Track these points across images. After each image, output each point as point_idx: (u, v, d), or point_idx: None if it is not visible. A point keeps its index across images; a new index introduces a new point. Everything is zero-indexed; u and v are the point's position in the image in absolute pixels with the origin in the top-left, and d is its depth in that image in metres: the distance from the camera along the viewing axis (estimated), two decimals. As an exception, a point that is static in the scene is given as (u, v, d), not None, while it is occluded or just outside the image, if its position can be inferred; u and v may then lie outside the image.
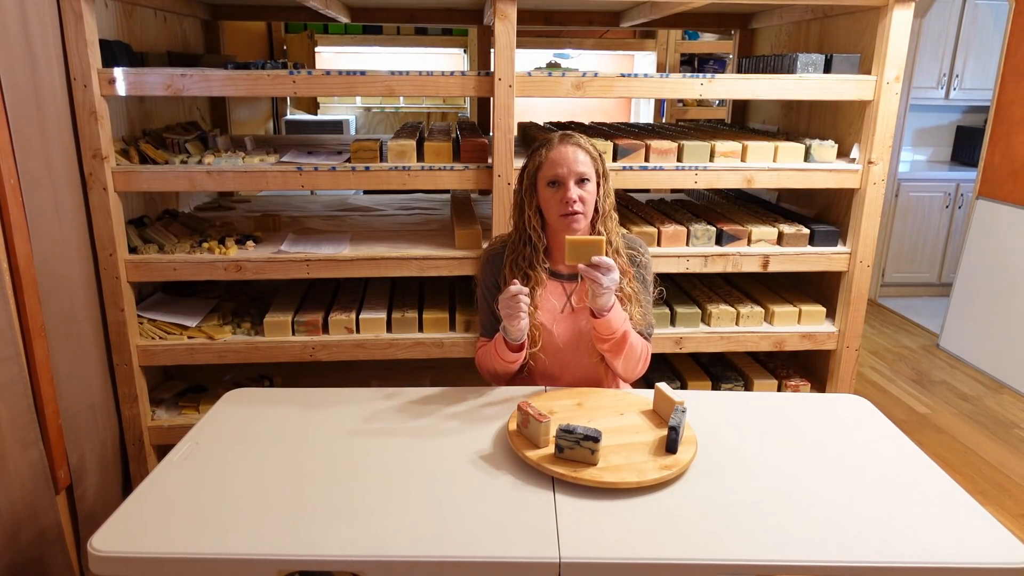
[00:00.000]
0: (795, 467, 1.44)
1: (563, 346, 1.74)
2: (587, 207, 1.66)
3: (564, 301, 1.75)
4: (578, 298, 1.75)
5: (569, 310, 1.75)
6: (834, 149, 2.44)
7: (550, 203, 1.67)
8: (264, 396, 1.74)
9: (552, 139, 1.69)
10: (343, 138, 3.39)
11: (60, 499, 2.00)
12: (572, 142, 1.67)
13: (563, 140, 1.68)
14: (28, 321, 1.84)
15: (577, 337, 1.73)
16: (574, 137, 1.69)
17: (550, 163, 1.66)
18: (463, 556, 1.17)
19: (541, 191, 1.69)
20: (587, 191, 1.66)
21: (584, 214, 1.66)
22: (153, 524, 1.24)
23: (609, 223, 1.73)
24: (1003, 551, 1.21)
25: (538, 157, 1.69)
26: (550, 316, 1.73)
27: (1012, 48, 3.63)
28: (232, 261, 2.28)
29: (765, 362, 2.81)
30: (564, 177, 1.64)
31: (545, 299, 1.74)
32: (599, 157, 1.70)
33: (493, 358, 1.72)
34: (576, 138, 1.68)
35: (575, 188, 1.64)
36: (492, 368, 1.76)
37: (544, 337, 1.73)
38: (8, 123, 1.77)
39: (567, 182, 1.64)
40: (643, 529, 1.24)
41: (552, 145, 1.67)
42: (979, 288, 3.82)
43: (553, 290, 1.75)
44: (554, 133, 1.72)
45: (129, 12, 2.45)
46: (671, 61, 4.94)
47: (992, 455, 2.98)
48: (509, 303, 1.58)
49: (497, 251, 1.80)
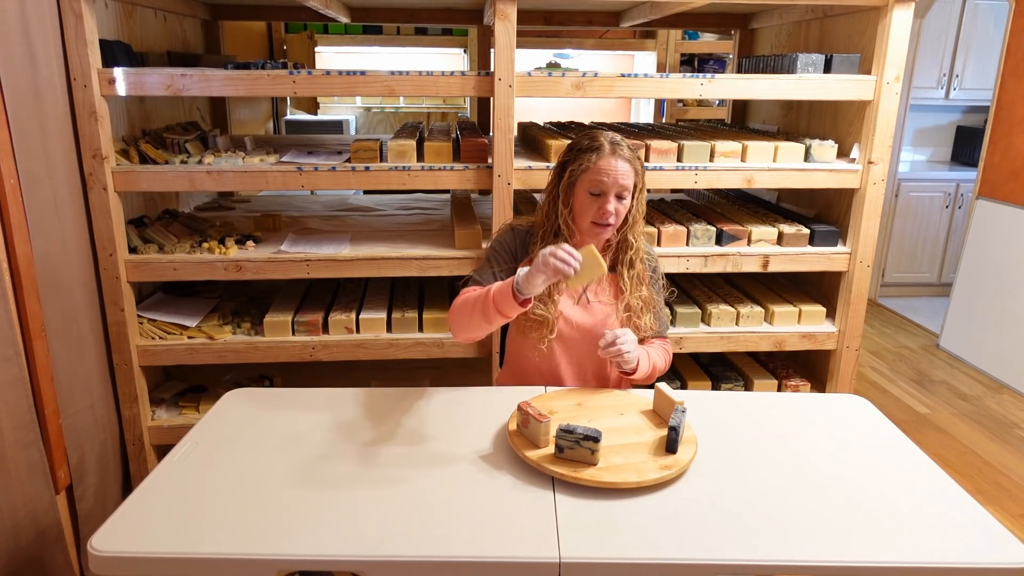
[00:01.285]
0: (795, 467, 1.44)
1: (577, 337, 1.74)
2: (619, 220, 1.67)
3: (580, 293, 1.76)
4: (593, 292, 1.76)
5: (585, 302, 1.75)
6: (834, 149, 2.44)
7: (585, 208, 1.66)
8: (264, 396, 1.74)
9: (603, 145, 1.64)
10: (343, 138, 3.39)
11: (60, 499, 2.00)
12: (622, 155, 1.64)
13: (614, 151, 1.64)
14: (28, 321, 1.84)
15: (589, 329, 1.74)
16: (623, 148, 1.65)
17: (596, 171, 1.63)
18: (463, 556, 1.17)
19: (579, 194, 1.67)
20: (623, 205, 1.66)
21: (615, 226, 1.68)
22: (153, 524, 1.23)
23: (636, 229, 1.74)
24: (1003, 551, 1.21)
25: (586, 161, 1.64)
26: (566, 305, 1.74)
27: (1012, 48, 3.63)
28: (232, 261, 2.28)
29: (765, 362, 2.81)
30: (607, 190, 1.63)
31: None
32: (641, 169, 1.69)
33: (486, 307, 1.56)
34: (625, 149, 1.65)
35: (614, 201, 1.64)
36: (469, 320, 1.62)
37: (560, 327, 1.74)
38: (8, 123, 1.77)
39: (608, 195, 1.63)
40: (643, 529, 1.24)
41: (603, 153, 1.63)
42: (979, 288, 3.82)
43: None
44: (604, 135, 1.67)
45: (129, 12, 2.45)
46: (671, 61, 4.94)
47: (992, 455, 2.98)
48: (564, 260, 1.44)
49: (523, 228, 1.79)
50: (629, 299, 1.75)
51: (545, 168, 2.31)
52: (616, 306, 1.76)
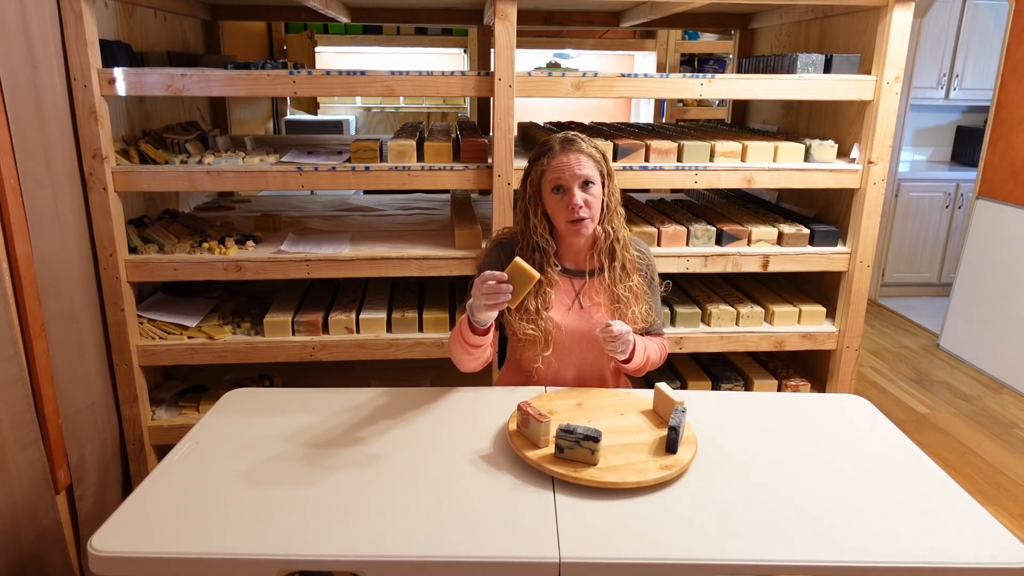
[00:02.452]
0: (795, 467, 1.44)
1: (572, 343, 1.74)
2: (593, 210, 1.66)
3: (573, 298, 1.75)
4: (586, 296, 1.75)
5: (578, 307, 1.75)
6: (834, 149, 2.44)
7: (556, 209, 1.67)
8: (264, 396, 1.74)
9: (554, 145, 1.67)
10: (343, 138, 3.39)
11: (60, 499, 2.00)
12: (574, 148, 1.65)
13: (565, 146, 1.66)
14: (28, 321, 1.84)
15: (585, 334, 1.73)
16: (575, 142, 1.66)
17: (553, 169, 1.64)
18: (463, 556, 1.17)
19: (546, 197, 1.68)
20: (592, 194, 1.66)
21: (591, 218, 1.66)
22: (153, 524, 1.23)
23: (616, 220, 1.73)
24: (1003, 551, 1.21)
25: (540, 164, 1.67)
26: (559, 313, 1.73)
27: (1012, 48, 3.63)
28: (232, 261, 2.28)
29: (765, 362, 2.81)
30: (568, 183, 1.63)
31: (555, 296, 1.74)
32: (603, 158, 1.69)
33: (456, 342, 1.64)
34: (578, 143, 1.66)
35: (580, 193, 1.63)
36: (454, 352, 1.68)
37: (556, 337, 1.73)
38: (8, 123, 1.77)
39: (571, 188, 1.63)
40: (643, 529, 1.24)
41: (554, 152, 1.66)
42: (979, 288, 3.82)
43: (562, 287, 1.75)
44: (555, 136, 1.70)
45: (129, 12, 2.45)
46: (671, 61, 4.94)
47: (992, 455, 2.98)
48: (492, 291, 1.48)
49: (507, 240, 1.79)
50: (617, 289, 1.73)
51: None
52: (610, 303, 1.75)
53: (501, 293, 1.48)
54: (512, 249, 1.75)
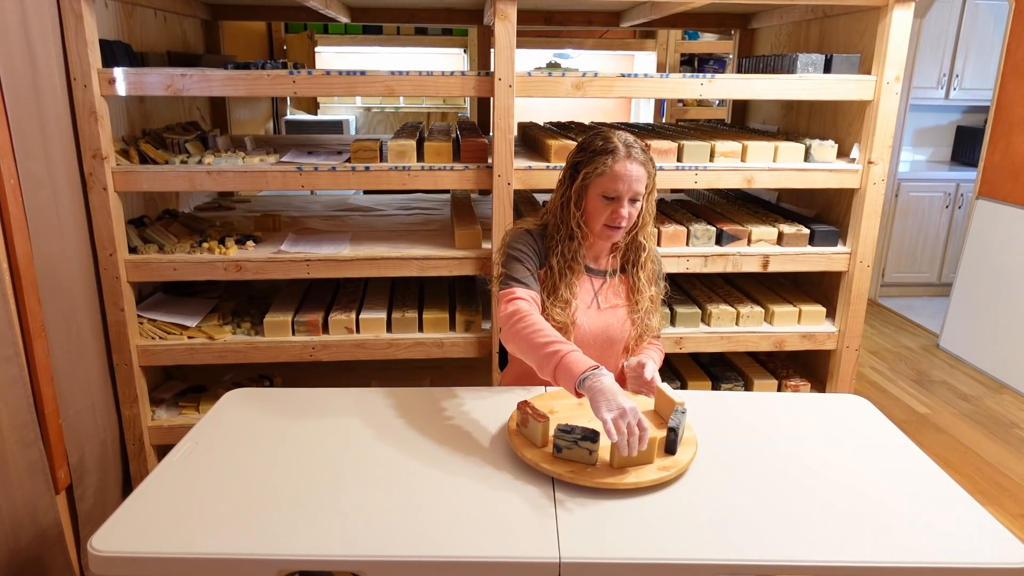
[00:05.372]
0: (795, 467, 1.44)
1: (588, 342, 1.74)
2: (630, 223, 1.67)
3: (592, 296, 1.75)
4: (604, 296, 1.75)
5: (596, 307, 1.74)
6: (834, 149, 2.44)
7: (598, 211, 1.65)
8: (264, 396, 1.73)
9: (617, 147, 1.62)
10: (343, 138, 3.39)
11: (60, 499, 2.00)
12: (637, 159, 1.62)
13: (629, 154, 1.62)
14: (28, 321, 1.84)
15: (602, 332, 1.73)
16: (637, 150, 1.63)
17: (611, 177, 1.61)
18: (463, 556, 1.17)
19: (592, 197, 1.65)
20: (635, 208, 1.66)
21: (626, 229, 1.67)
22: (153, 524, 1.23)
23: (647, 231, 1.74)
24: (1003, 551, 1.21)
25: (601, 165, 1.62)
26: (579, 312, 1.73)
27: (1012, 48, 3.63)
28: (232, 261, 2.28)
29: (765, 362, 2.81)
30: (622, 195, 1.62)
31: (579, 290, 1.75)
32: (654, 170, 1.68)
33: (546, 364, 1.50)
34: (639, 152, 1.63)
35: (627, 206, 1.63)
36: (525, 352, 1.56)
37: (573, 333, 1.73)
38: (8, 123, 1.77)
39: (623, 199, 1.62)
40: (643, 529, 1.24)
41: (617, 156, 1.61)
42: (979, 288, 3.82)
43: (582, 285, 1.75)
44: (617, 136, 1.64)
45: (129, 12, 2.45)
46: (671, 61, 4.94)
47: (992, 455, 2.98)
48: (631, 444, 1.32)
49: (535, 230, 1.76)
50: (641, 300, 1.75)
51: (545, 168, 2.31)
52: (628, 307, 1.75)
53: (634, 437, 1.33)
54: (542, 236, 1.74)
